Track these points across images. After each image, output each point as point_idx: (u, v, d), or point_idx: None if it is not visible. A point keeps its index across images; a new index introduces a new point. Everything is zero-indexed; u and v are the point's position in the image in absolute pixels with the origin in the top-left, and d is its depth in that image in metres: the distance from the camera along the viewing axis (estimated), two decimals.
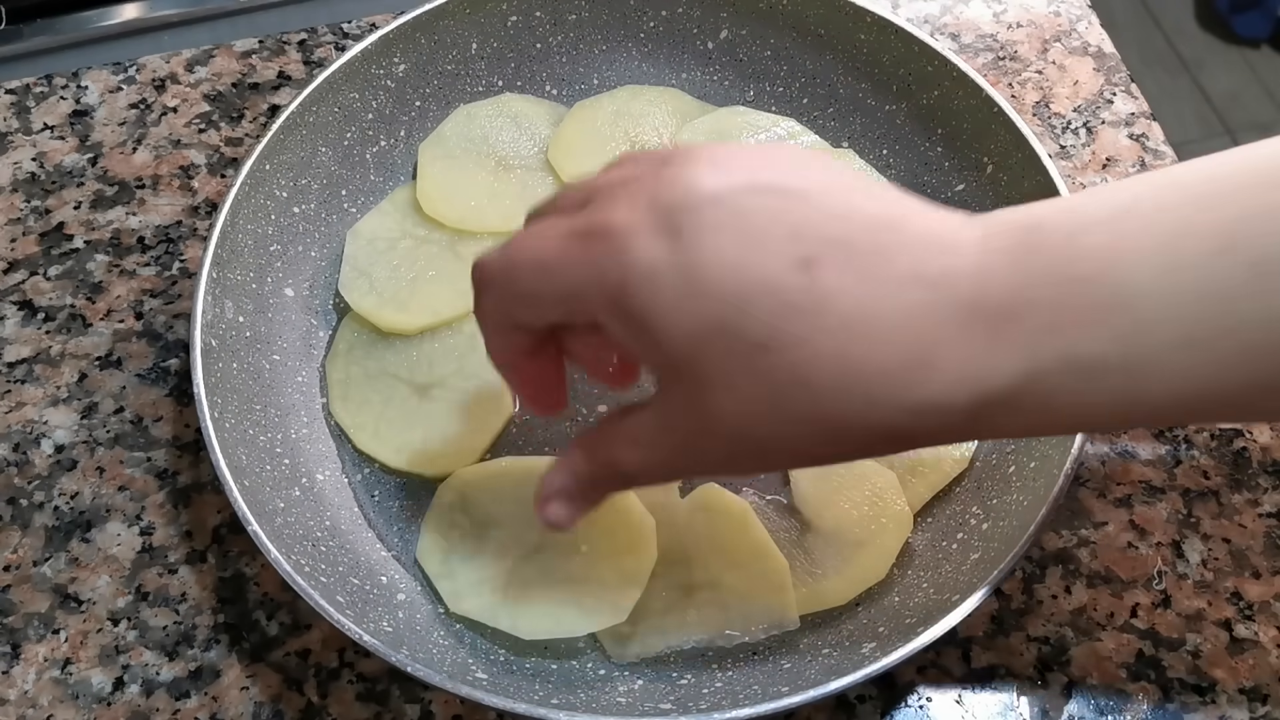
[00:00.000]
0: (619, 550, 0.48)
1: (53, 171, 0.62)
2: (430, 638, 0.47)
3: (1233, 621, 0.51)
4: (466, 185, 0.58)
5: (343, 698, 0.49)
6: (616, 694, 0.46)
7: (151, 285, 0.59)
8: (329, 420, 0.53)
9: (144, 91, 0.65)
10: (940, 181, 0.58)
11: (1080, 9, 0.70)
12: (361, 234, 0.57)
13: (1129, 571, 0.52)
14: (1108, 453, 0.55)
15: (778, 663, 0.47)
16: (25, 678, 0.49)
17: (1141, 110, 0.65)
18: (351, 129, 0.58)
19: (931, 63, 0.57)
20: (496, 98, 0.61)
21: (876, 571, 0.49)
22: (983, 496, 0.50)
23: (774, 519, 0.51)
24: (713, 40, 0.62)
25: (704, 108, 0.61)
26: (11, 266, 0.59)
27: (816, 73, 0.60)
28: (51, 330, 0.58)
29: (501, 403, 0.53)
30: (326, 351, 0.55)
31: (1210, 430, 0.55)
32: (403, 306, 0.54)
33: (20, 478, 0.54)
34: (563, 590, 0.48)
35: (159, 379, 0.56)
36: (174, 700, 0.49)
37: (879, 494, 0.50)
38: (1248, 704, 0.49)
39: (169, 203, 0.61)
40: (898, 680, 0.49)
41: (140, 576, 0.51)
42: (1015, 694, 0.49)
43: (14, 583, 0.51)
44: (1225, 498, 0.54)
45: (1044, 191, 0.53)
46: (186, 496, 0.53)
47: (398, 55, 0.58)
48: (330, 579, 0.46)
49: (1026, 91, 0.66)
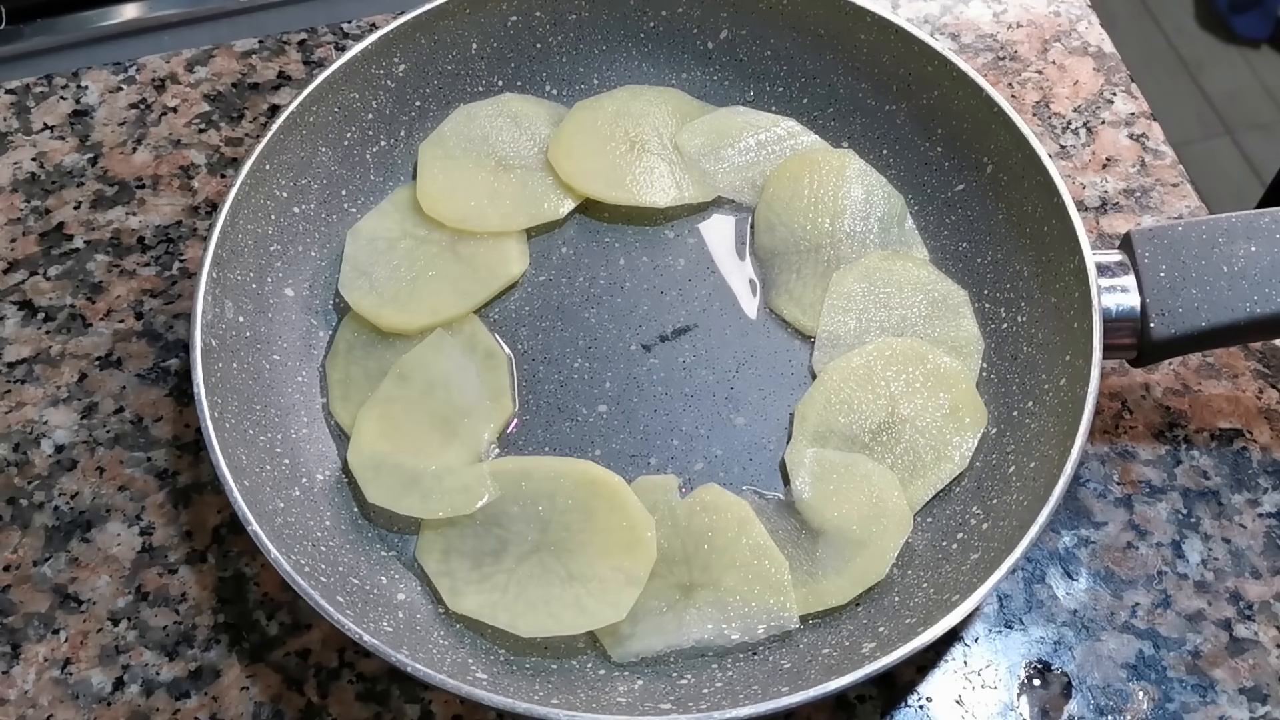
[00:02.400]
0: (618, 549, 0.48)
1: (53, 171, 0.62)
2: (430, 637, 0.47)
3: (1233, 621, 0.51)
4: (466, 185, 0.58)
5: (343, 698, 0.49)
6: (616, 694, 0.46)
7: (151, 285, 0.59)
8: (329, 420, 0.53)
9: (144, 91, 0.65)
10: (940, 181, 0.58)
11: (1080, 9, 0.69)
12: (361, 234, 0.57)
13: (1129, 571, 0.52)
14: (1108, 453, 0.55)
15: (778, 663, 0.47)
16: (25, 678, 0.49)
17: (1141, 110, 0.65)
18: (352, 129, 0.58)
19: (931, 63, 0.57)
20: (496, 98, 0.61)
21: (876, 571, 0.49)
22: (983, 496, 0.50)
23: (774, 519, 0.51)
24: (713, 40, 0.62)
25: (704, 108, 0.61)
26: (11, 266, 0.59)
27: (816, 73, 0.60)
28: (51, 330, 0.58)
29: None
30: (326, 351, 0.55)
31: (1210, 430, 0.55)
32: (403, 306, 0.54)
33: (20, 478, 0.54)
34: (562, 589, 0.48)
35: (159, 379, 0.56)
36: (174, 700, 0.49)
37: (879, 494, 0.50)
38: (1248, 704, 0.49)
39: (169, 203, 0.61)
40: (898, 680, 0.49)
41: (140, 576, 0.51)
42: (1015, 694, 0.49)
43: (14, 583, 0.51)
44: (1225, 498, 0.54)
45: (1044, 191, 0.53)
46: (186, 496, 0.53)
47: (398, 55, 0.58)
48: (330, 579, 0.46)
49: (1026, 91, 0.66)
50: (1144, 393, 0.57)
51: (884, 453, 0.51)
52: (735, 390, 0.54)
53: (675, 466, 0.52)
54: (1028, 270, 0.54)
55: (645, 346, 0.55)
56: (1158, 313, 0.50)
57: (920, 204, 0.58)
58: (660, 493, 0.50)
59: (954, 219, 0.57)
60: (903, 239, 0.58)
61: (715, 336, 0.56)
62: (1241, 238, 0.51)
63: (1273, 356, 0.58)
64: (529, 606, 0.47)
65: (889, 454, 0.51)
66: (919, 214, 0.58)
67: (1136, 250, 0.51)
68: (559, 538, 0.49)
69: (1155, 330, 0.50)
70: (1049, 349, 0.52)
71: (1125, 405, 0.56)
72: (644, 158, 0.59)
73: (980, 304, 0.56)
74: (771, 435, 0.53)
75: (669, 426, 0.53)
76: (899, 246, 0.57)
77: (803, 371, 0.55)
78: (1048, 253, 0.53)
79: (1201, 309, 0.50)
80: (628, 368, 0.55)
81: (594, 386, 0.54)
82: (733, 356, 0.55)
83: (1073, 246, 0.51)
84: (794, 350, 0.55)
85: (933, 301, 0.55)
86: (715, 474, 0.52)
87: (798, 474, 0.51)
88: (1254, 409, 0.56)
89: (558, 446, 0.53)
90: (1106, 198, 0.62)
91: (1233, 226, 0.51)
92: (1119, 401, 0.56)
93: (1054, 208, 0.52)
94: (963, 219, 0.57)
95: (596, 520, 0.49)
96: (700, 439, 0.53)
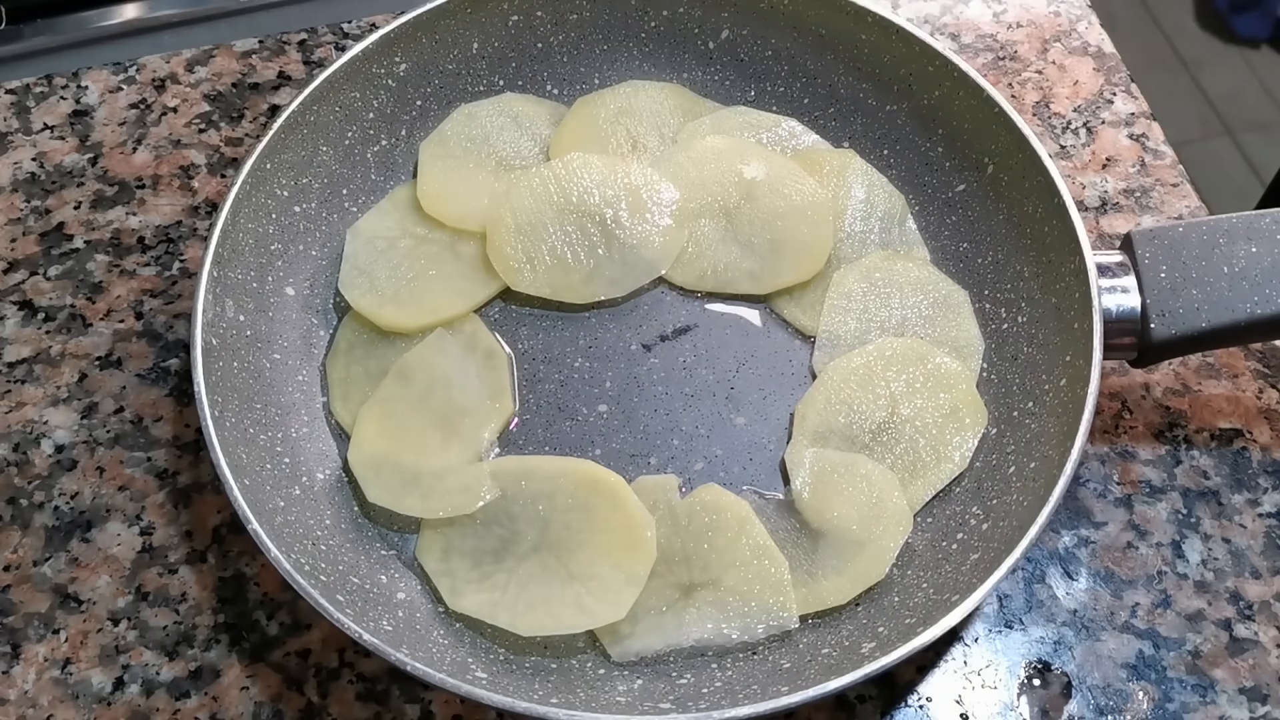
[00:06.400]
0: (618, 549, 0.48)
1: (53, 171, 0.62)
2: (430, 636, 0.47)
3: (1233, 621, 0.51)
4: (467, 185, 0.58)
5: (343, 698, 0.49)
6: (616, 693, 0.46)
7: (151, 285, 0.59)
8: (329, 419, 0.53)
9: (144, 91, 0.65)
10: (940, 181, 0.58)
11: (1080, 9, 0.70)
12: (362, 233, 0.57)
13: (1129, 571, 0.52)
14: (1108, 453, 0.55)
15: (778, 663, 0.47)
16: (25, 678, 0.49)
17: (1141, 110, 0.65)
18: (353, 128, 0.58)
19: (932, 63, 0.57)
20: (497, 97, 0.61)
21: (876, 571, 0.49)
22: (983, 496, 0.50)
23: (774, 519, 0.51)
24: (714, 40, 0.62)
25: (706, 105, 0.61)
26: (11, 266, 0.59)
27: (817, 73, 0.60)
28: (51, 330, 0.58)
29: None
30: (327, 350, 0.55)
31: (1210, 430, 0.55)
32: (403, 305, 0.54)
33: (20, 478, 0.54)
34: (562, 588, 0.48)
35: (159, 379, 0.56)
36: (174, 700, 0.49)
37: (879, 494, 0.50)
38: (1248, 704, 0.49)
39: (169, 203, 0.61)
40: (898, 680, 0.49)
41: (140, 576, 0.51)
42: (1015, 694, 0.49)
43: (14, 583, 0.51)
44: (1225, 498, 0.54)
45: (1044, 192, 0.53)
46: (186, 496, 0.53)
47: (399, 54, 0.58)
48: (330, 578, 0.46)
49: (1026, 91, 0.66)
50: (1144, 393, 0.57)
51: (884, 453, 0.51)
52: (735, 390, 0.54)
53: (675, 466, 0.52)
54: (1028, 271, 0.54)
55: (645, 346, 0.55)
56: (1158, 313, 0.50)
57: (921, 204, 0.58)
58: (660, 492, 0.50)
59: (955, 219, 0.57)
60: (903, 239, 0.58)
61: (715, 336, 0.56)
62: (1242, 238, 0.51)
63: (1273, 356, 0.58)
64: (529, 606, 0.47)
65: (889, 454, 0.51)
66: (920, 214, 0.58)
67: (1137, 251, 0.51)
68: (559, 537, 0.49)
69: (1156, 331, 0.50)
70: (1049, 349, 0.52)
71: (1125, 405, 0.56)
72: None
73: (981, 304, 0.56)
74: (771, 435, 0.53)
75: (669, 426, 0.53)
76: (900, 247, 0.57)
77: (803, 371, 0.55)
78: (1048, 253, 0.53)
79: (1202, 310, 0.50)
80: (628, 367, 0.55)
81: (594, 386, 0.54)
82: (733, 356, 0.55)
83: (1073, 247, 0.51)
84: (794, 350, 0.55)
85: (933, 302, 0.55)
86: (715, 474, 0.52)
87: (798, 474, 0.51)
88: (1254, 409, 0.56)
89: (558, 446, 0.53)
90: (1106, 198, 0.62)
91: (1233, 227, 0.51)
92: (1119, 401, 0.56)
93: (1054, 208, 0.52)
94: (963, 219, 0.57)
95: (596, 520, 0.49)
96: (700, 439, 0.53)
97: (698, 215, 0.57)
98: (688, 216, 0.57)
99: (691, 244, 0.56)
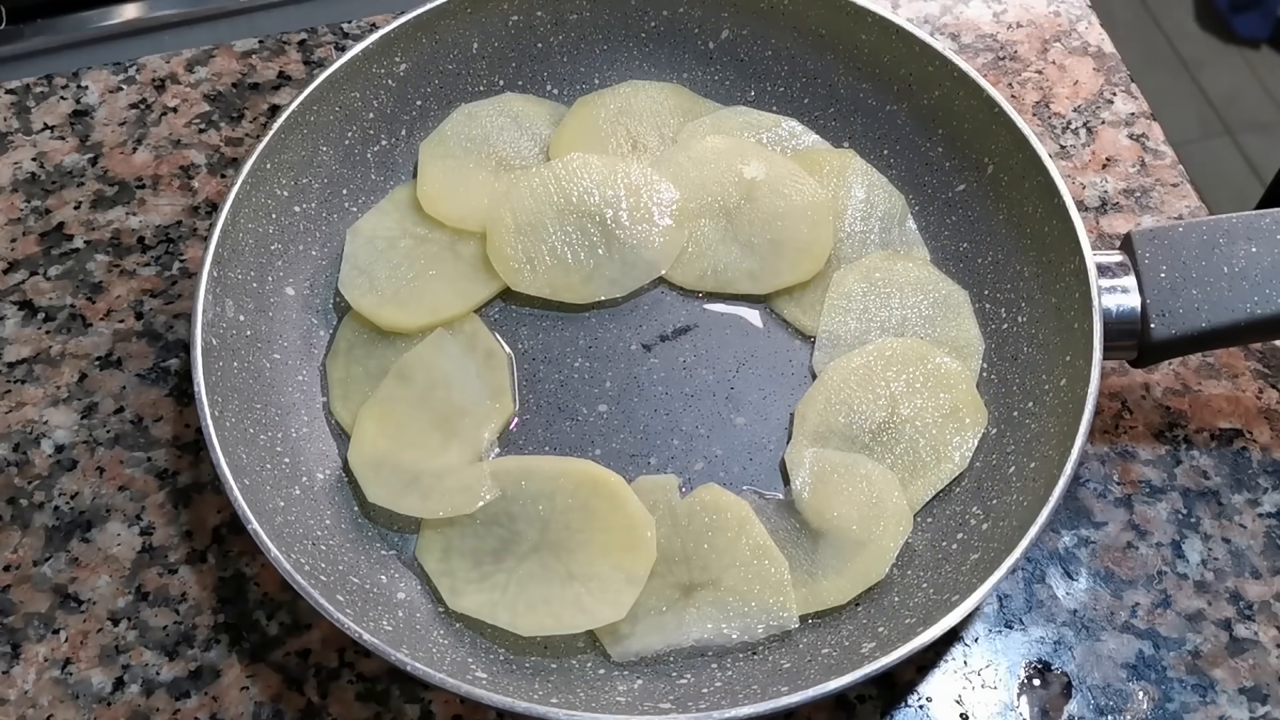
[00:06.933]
0: (618, 549, 0.48)
1: (53, 171, 0.62)
2: (430, 636, 0.47)
3: (1233, 621, 0.51)
4: (467, 185, 0.58)
5: (343, 698, 0.49)
6: (616, 693, 0.46)
7: (151, 285, 0.59)
8: (329, 419, 0.53)
9: (144, 91, 0.65)
10: (940, 181, 0.58)
11: (1080, 9, 0.70)
12: (362, 233, 0.57)
13: (1129, 571, 0.52)
14: (1108, 453, 0.55)
15: (778, 663, 0.47)
16: (25, 678, 0.49)
17: (1141, 110, 0.65)
18: (353, 128, 0.58)
19: (932, 63, 0.57)
20: (497, 97, 0.61)
21: (876, 571, 0.49)
22: (983, 496, 0.50)
23: (774, 519, 0.51)
24: (714, 40, 0.62)
25: (706, 104, 0.61)
26: (11, 266, 0.59)
27: (817, 73, 0.60)
28: (51, 330, 0.58)
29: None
30: (327, 350, 0.55)
31: (1210, 430, 0.55)
32: (403, 305, 0.54)
33: (20, 478, 0.54)
34: (562, 588, 0.48)
35: (159, 379, 0.56)
36: (174, 700, 0.49)
37: (879, 494, 0.50)
38: (1248, 704, 0.49)
39: (169, 203, 0.62)
40: (898, 680, 0.49)
41: (140, 576, 0.51)
42: (1015, 694, 0.49)
43: (14, 583, 0.51)
44: (1225, 498, 0.54)
45: (1045, 192, 0.53)
46: (186, 496, 0.53)
47: (399, 54, 0.58)
48: (330, 578, 0.46)
49: (1026, 91, 0.66)
50: (1144, 393, 0.57)
51: (884, 453, 0.51)
52: (735, 390, 0.54)
53: (675, 466, 0.52)
54: (1028, 271, 0.54)
55: (645, 346, 0.55)
56: (1158, 313, 0.50)
57: (921, 204, 0.58)
58: (660, 492, 0.50)
59: (955, 219, 0.57)
60: (903, 239, 0.58)
61: (715, 336, 0.56)
62: (1242, 238, 0.51)
63: (1273, 356, 0.58)
64: (529, 606, 0.47)
65: (889, 454, 0.51)
66: (920, 214, 0.58)
67: (1137, 251, 0.51)
68: (559, 537, 0.49)
69: (1156, 331, 0.50)
70: (1049, 349, 0.52)
71: (1125, 405, 0.56)
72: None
73: (981, 304, 0.56)
74: (771, 435, 0.53)
75: (669, 426, 0.53)
76: (900, 247, 0.57)
77: (803, 371, 0.55)
78: (1048, 253, 0.53)
79: (1202, 310, 0.50)
80: (628, 367, 0.55)
81: (594, 386, 0.54)
82: (733, 356, 0.55)
83: (1073, 247, 0.51)
84: (794, 350, 0.55)
85: (933, 302, 0.55)
86: (715, 474, 0.52)
87: (798, 474, 0.51)
88: (1254, 409, 0.56)
89: (558, 446, 0.53)
90: (1106, 198, 0.62)
91: (1233, 227, 0.51)
92: (1119, 401, 0.56)
93: (1054, 208, 0.52)
94: (963, 219, 0.57)
95: (596, 520, 0.49)
96: (700, 439, 0.53)
97: (698, 215, 0.57)
98: (688, 216, 0.57)
99: (691, 244, 0.56)
